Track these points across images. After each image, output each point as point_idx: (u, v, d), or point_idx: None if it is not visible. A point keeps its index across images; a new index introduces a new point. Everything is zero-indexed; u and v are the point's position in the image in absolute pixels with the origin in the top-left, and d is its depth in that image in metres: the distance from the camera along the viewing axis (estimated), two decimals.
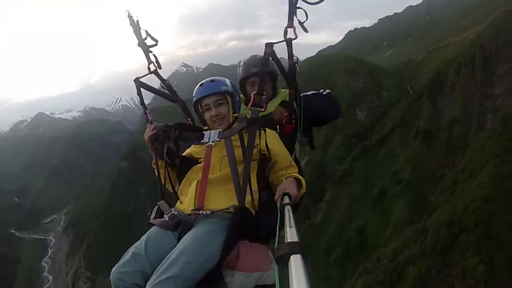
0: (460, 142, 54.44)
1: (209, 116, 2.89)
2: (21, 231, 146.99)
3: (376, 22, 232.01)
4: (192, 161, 2.94)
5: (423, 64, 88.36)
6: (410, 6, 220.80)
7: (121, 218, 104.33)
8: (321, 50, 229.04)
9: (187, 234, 2.44)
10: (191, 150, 3.02)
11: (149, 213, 2.87)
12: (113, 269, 2.32)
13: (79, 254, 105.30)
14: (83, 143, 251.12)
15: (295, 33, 2.81)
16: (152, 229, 2.55)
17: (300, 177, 2.74)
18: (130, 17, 3.25)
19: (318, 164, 73.76)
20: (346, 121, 79.86)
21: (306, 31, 2.85)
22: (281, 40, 2.87)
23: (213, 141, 2.83)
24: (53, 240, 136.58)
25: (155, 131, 2.92)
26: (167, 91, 3.49)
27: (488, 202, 40.15)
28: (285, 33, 2.83)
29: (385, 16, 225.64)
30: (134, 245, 2.42)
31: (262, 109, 2.86)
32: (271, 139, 2.90)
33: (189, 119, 3.41)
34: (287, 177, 2.71)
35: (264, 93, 2.88)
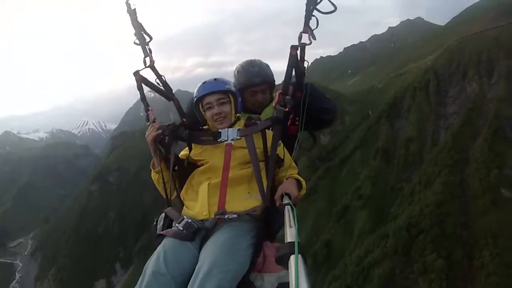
0: (416, 158, 58.96)
1: (211, 115, 2.82)
2: None
3: (341, 50, 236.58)
4: (190, 164, 2.88)
5: (384, 90, 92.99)
6: (375, 35, 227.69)
7: (90, 241, 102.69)
8: None
9: (210, 241, 2.29)
10: (187, 152, 2.92)
11: (155, 223, 2.69)
12: None
13: (49, 278, 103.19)
14: (49, 165, 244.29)
15: (309, 39, 2.86)
16: (166, 241, 2.37)
17: (301, 178, 2.73)
18: (127, 3, 3.07)
19: None
20: (310, 145, 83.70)
21: (314, 38, 2.87)
22: (296, 44, 2.90)
23: (232, 139, 2.74)
24: (20, 264, 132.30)
25: (160, 131, 2.82)
26: (163, 88, 3.25)
27: (441, 206, 44.48)
28: (300, 38, 2.88)
29: (351, 45, 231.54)
30: (151, 262, 2.23)
31: (286, 109, 2.91)
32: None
33: (184, 119, 3.19)
34: (287, 178, 2.70)
35: (288, 95, 3.00)
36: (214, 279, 1.98)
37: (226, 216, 2.36)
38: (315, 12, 2.82)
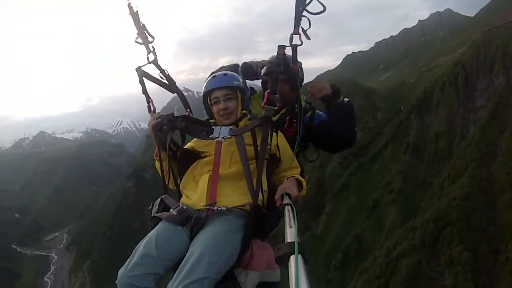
0: (445, 152, 59.37)
1: (217, 110, 2.85)
2: (23, 247, 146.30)
3: (372, 45, 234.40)
4: (194, 155, 2.90)
5: (415, 85, 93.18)
6: (405, 28, 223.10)
7: (125, 235, 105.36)
8: (320, 74, 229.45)
9: (203, 232, 2.35)
10: (194, 143, 2.97)
11: (150, 207, 2.73)
12: (121, 272, 2.20)
13: (83, 271, 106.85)
14: (84, 163, 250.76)
15: (300, 40, 2.88)
16: (160, 225, 2.46)
17: (302, 178, 2.75)
18: (130, 6, 3.17)
19: (318, 181, 77.58)
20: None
21: (308, 38, 2.89)
22: (287, 45, 2.94)
23: (223, 137, 2.78)
24: (55, 257, 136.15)
25: (159, 119, 2.88)
26: (166, 82, 3.32)
27: (468, 200, 44.87)
28: (291, 39, 2.90)
29: (382, 40, 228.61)
30: (142, 244, 2.31)
31: (275, 108, 2.89)
32: (281, 140, 2.90)
33: (188, 110, 3.30)
34: (288, 178, 2.73)
35: (277, 93, 2.94)
36: (202, 268, 2.04)
37: (215, 208, 2.43)
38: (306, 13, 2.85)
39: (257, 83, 3.67)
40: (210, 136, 2.83)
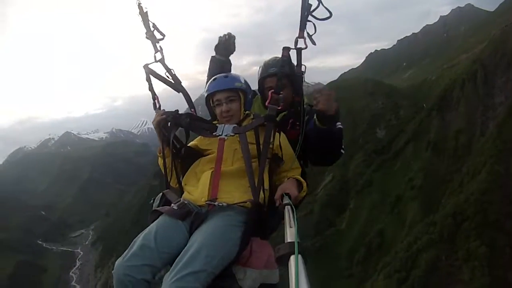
0: (465, 149, 60.10)
1: (220, 112, 2.91)
2: (48, 242, 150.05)
3: (395, 43, 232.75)
4: (197, 153, 2.96)
5: (437, 83, 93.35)
6: (427, 25, 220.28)
7: None
8: (344, 73, 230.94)
9: (203, 227, 2.38)
10: (198, 142, 3.03)
11: (152, 201, 2.82)
12: (118, 262, 2.20)
13: (109, 266, 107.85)
14: (109, 163, 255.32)
15: (305, 43, 2.93)
16: (160, 218, 2.50)
17: (302, 179, 2.78)
18: (140, 6, 3.21)
19: (342, 179, 79.24)
20: (367, 140, 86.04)
21: (313, 43, 2.92)
22: (288, 46, 2.99)
23: (226, 135, 2.83)
24: (81, 253, 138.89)
25: (164, 116, 2.92)
26: (172, 80, 3.35)
27: (485, 194, 45.68)
28: (296, 42, 2.95)
29: (404, 37, 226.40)
30: (142, 235, 2.34)
31: (279, 108, 2.88)
32: (283, 140, 2.93)
33: (192, 110, 3.32)
34: (288, 178, 2.77)
35: (281, 93, 2.92)
36: (200, 261, 2.08)
37: (216, 204, 2.48)
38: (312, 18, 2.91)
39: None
40: (214, 134, 2.88)
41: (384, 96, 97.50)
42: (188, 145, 3.03)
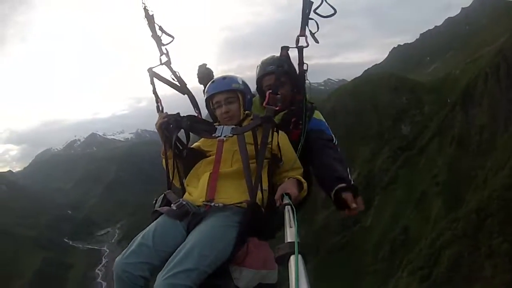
0: (489, 144, 59.53)
1: (220, 113, 2.97)
2: (75, 241, 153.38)
3: (417, 37, 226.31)
4: (199, 154, 3.01)
5: (461, 77, 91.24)
6: (449, 17, 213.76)
7: None
8: (368, 69, 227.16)
9: (199, 226, 2.43)
10: (200, 143, 3.10)
11: (154, 202, 2.85)
12: (117, 259, 2.29)
13: None
14: (135, 163, 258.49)
15: (306, 42, 2.95)
16: (160, 218, 2.57)
17: (302, 179, 2.78)
18: (145, 9, 3.23)
19: (368, 175, 79.69)
20: (393, 136, 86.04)
21: (316, 41, 2.94)
22: (293, 46, 3.02)
23: (225, 136, 2.87)
24: (107, 250, 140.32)
25: (166, 119, 2.99)
26: (178, 83, 3.41)
27: (509, 190, 45.15)
28: (297, 41, 2.98)
29: (426, 31, 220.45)
30: (141, 234, 2.43)
31: (277, 108, 2.91)
32: (282, 140, 2.91)
33: (197, 111, 3.41)
34: (289, 178, 2.78)
35: (278, 93, 2.96)
36: (193, 259, 2.12)
37: (212, 204, 2.52)
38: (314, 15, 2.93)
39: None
40: (213, 135, 2.92)
41: (408, 91, 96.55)
42: (192, 146, 3.13)
